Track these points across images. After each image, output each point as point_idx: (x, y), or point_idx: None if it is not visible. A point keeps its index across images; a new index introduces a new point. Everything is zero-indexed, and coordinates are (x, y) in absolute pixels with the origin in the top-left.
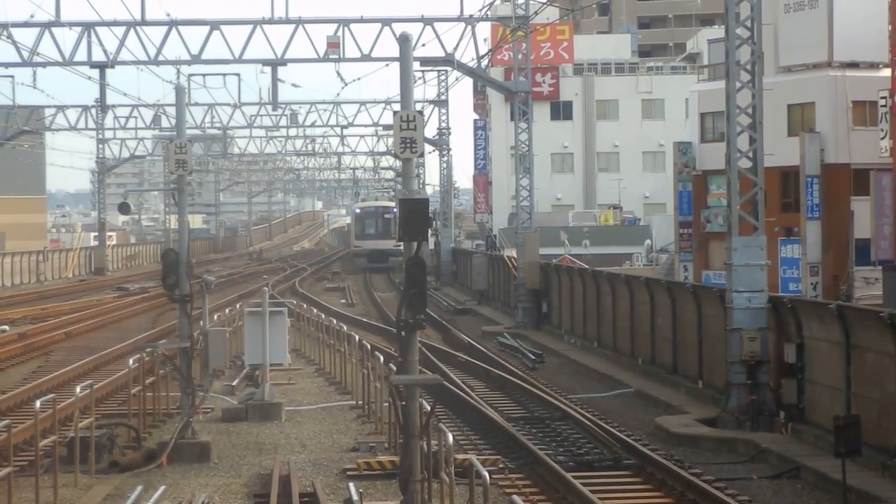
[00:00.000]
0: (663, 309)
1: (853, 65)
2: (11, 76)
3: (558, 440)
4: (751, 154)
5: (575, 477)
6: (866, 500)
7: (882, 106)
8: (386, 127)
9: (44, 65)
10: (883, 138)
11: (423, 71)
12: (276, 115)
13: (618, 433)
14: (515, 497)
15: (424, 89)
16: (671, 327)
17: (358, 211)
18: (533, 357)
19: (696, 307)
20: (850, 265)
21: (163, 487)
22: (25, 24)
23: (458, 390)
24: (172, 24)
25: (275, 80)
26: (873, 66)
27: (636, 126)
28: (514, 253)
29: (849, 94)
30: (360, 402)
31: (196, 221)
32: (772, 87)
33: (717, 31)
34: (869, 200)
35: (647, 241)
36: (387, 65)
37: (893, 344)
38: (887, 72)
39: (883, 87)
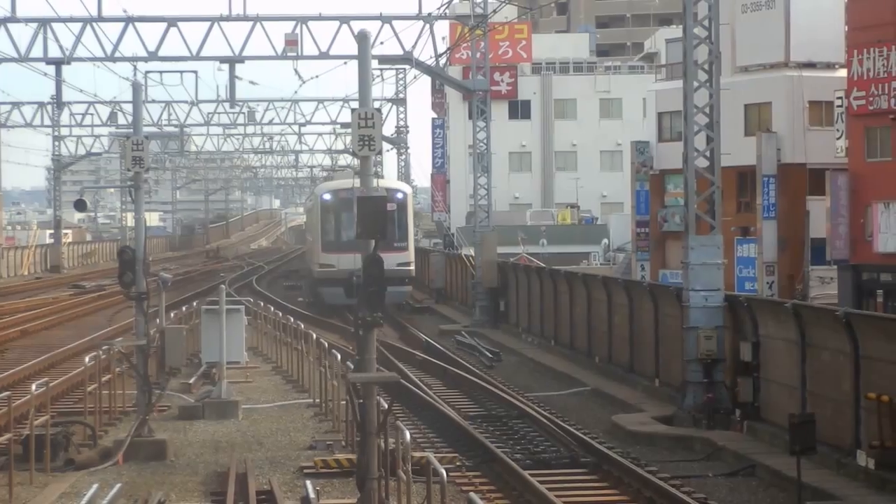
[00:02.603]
0: (620, 308)
1: (810, 65)
2: None
3: (515, 438)
4: (708, 153)
5: (532, 475)
6: (821, 498)
7: (838, 106)
8: (344, 125)
9: None
10: (839, 138)
11: (381, 69)
12: (233, 113)
13: (575, 431)
14: (472, 495)
15: (383, 87)
16: (628, 326)
17: (327, 197)
18: (490, 355)
19: (652, 306)
20: (805, 264)
21: (118, 485)
22: None
23: (415, 388)
24: (129, 20)
25: (232, 77)
26: (830, 66)
27: (594, 125)
28: (471, 252)
29: (805, 95)
30: (318, 401)
31: (153, 219)
32: (729, 87)
33: (675, 31)
34: (824, 200)
35: (605, 240)
36: (345, 63)
37: (848, 343)
38: (843, 72)
39: (839, 87)
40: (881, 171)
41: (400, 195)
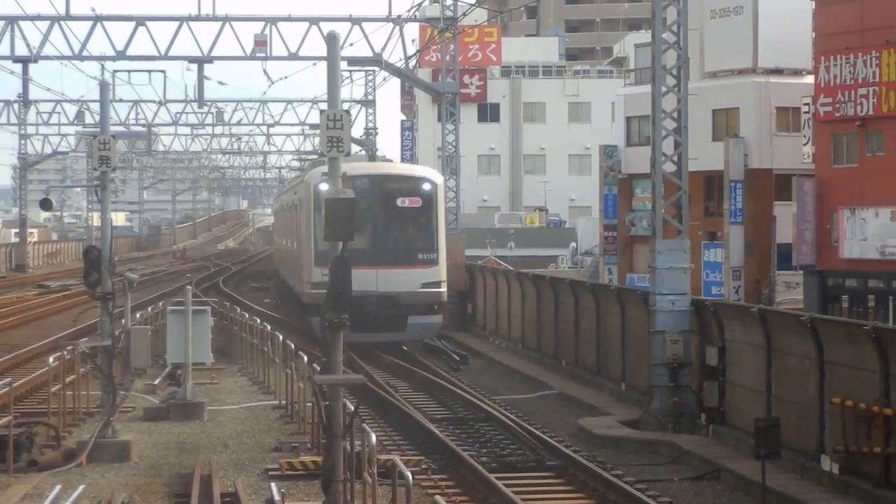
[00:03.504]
0: (587, 311)
1: (777, 71)
2: None
3: (482, 441)
4: (675, 158)
5: (498, 478)
6: (785, 502)
7: (805, 112)
8: (313, 126)
9: None
10: (805, 144)
11: (350, 71)
12: (201, 113)
13: (541, 434)
14: (438, 498)
15: (352, 89)
16: (595, 329)
17: (326, 187)
18: (457, 358)
19: (619, 310)
20: (771, 269)
21: (82, 487)
22: None
23: (381, 391)
24: (97, 19)
25: (201, 77)
26: (797, 72)
27: (563, 129)
28: None
29: (773, 100)
30: (284, 402)
31: (119, 219)
32: (697, 92)
33: (644, 36)
34: (791, 206)
35: (573, 244)
36: (314, 64)
37: (814, 347)
38: (810, 79)
39: (806, 93)
40: (847, 177)
41: (426, 186)
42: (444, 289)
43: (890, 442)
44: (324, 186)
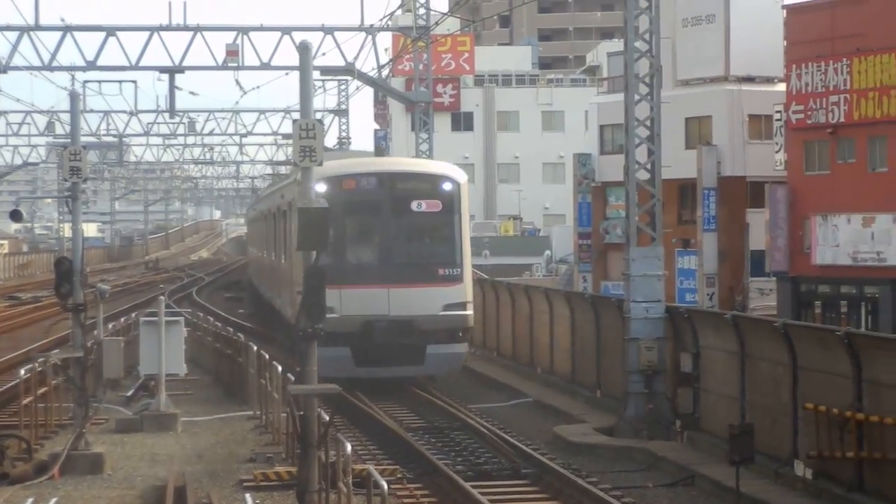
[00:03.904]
0: (562, 319)
1: (749, 79)
2: None
3: (457, 450)
4: (649, 166)
5: (473, 486)
6: None
7: (777, 120)
8: (285, 136)
9: None
10: (777, 152)
11: (323, 80)
12: (173, 123)
13: (516, 443)
14: None
15: (324, 98)
16: (570, 337)
17: (325, 189)
18: None
19: (594, 317)
20: (745, 276)
21: (54, 500)
22: None
23: (356, 400)
24: (67, 29)
25: (172, 87)
26: (769, 80)
27: (536, 137)
28: None
29: (745, 108)
30: (258, 413)
31: (91, 230)
32: (670, 101)
33: (617, 45)
34: (764, 213)
35: (547, 252)
36: (286, 73)
37: (787, 353)
38: (782, 86)
39: (778, 101)
40: (819, 184)
41: (447, 185)
42: (470, 311)
43: (863, 446)
44: (321, 187)
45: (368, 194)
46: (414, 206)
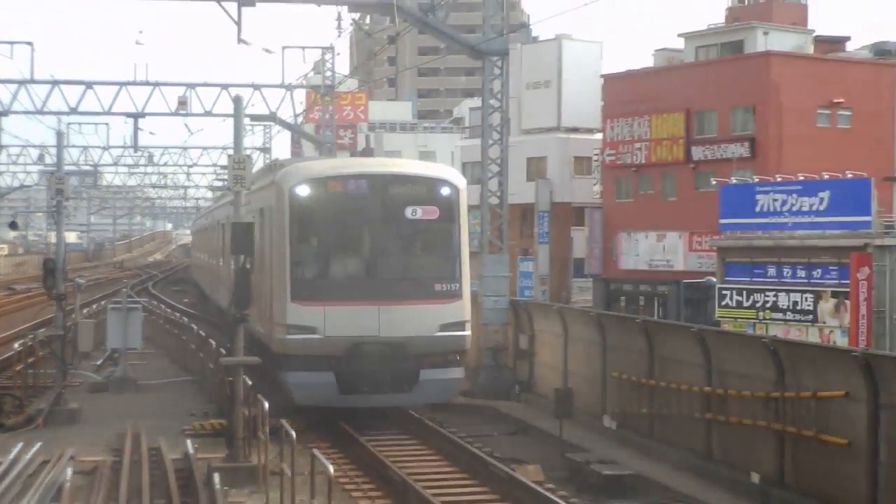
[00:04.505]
0: None
1: (575, 129)
2: None
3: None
4: (499, 194)
5: (361, 437)
6: (576, 450)
7: (595, 160)
8: (223, 167)
9: None
10: (595, 184)
11: (251, 125)
12: (136, 156)
13: None
14: (315, 450)
15: (253, 138)
16: None
17: (306, 192)
18: None
19: None
20: (569, 277)
21: (39, 444)
22: None
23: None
24: (55, 83)
25: (136, 128)
26: (590, 130)
27: None
28: None
29: (571, 151)
30: (198, 378)
31: (71, 237)
32: (515, 145)
33: (476, 102)
34: (584, 230)
35: None
36: (224, 120)
37: (599, 335)
38: (599, 135)
39: (596, 146)
40: (626, 209)
41: (445, 190)
42: (468, 331)
43: (653, 405)
44: (304, 190)
45: (357, 199)
46: (408, 212)
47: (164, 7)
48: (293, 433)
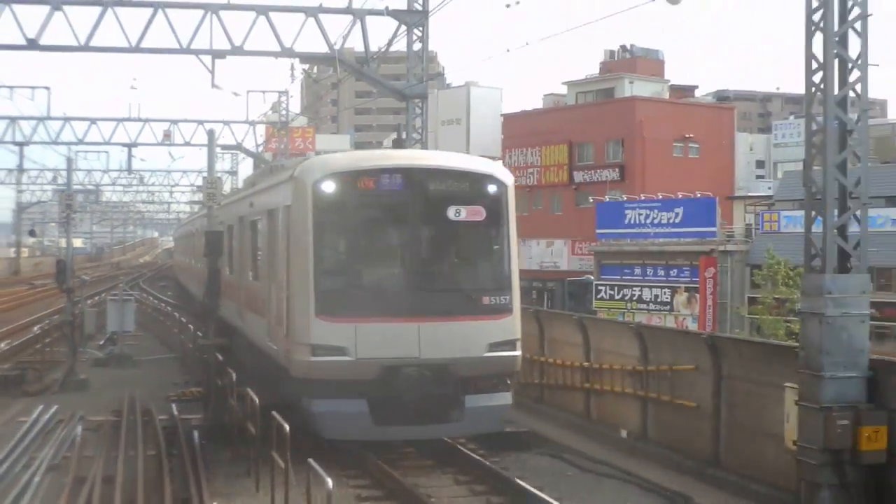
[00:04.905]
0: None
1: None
2: None
3: None
4: None
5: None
6: None
7: None
8: (199, 186)
9: None
10: None
11: (222, 152)
12: (130, 178)
13: None
14: (274, 412)
15: (222, 164)
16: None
17: (332, 188)
18: None
19: None
20: None
21: (55, 406)
22: None
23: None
24: (66, 119)
25: (130, 156)
26: (493, 158)
27: None
28: None
29: None
30: (180, 356)
31: (77, 243)
32: None
33: (403, 137)
34: None
35: None
36: (200, 148)
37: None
38: (500, 162)
39: None
40: (521, 221)
41: (493, 187)
42: (518, 351)
43: (543, 377)
44: (329, 186)
45: (392, 197)
46: (451, 213)
47: (154, 59)
48: (256, 399)
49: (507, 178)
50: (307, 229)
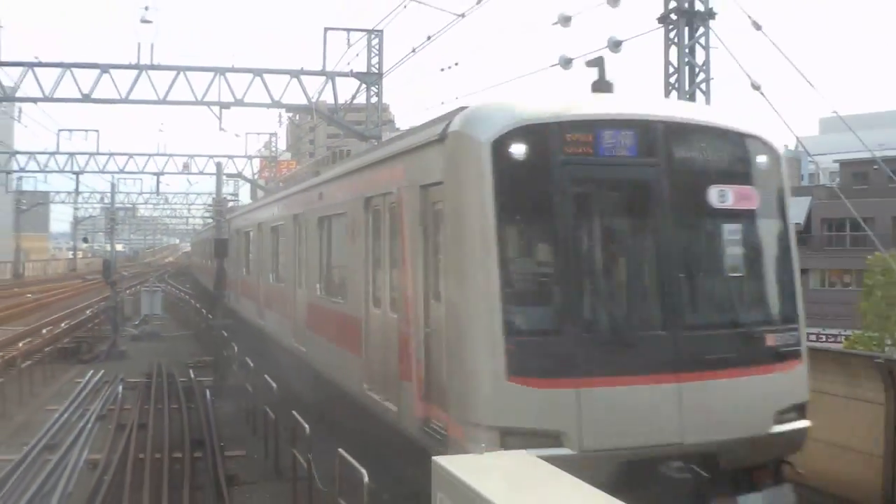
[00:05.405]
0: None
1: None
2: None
3: None
4: None
5: None
6: None
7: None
8: (209, 206)
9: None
10: None
11: (227, 180)
12: (158, 198)
13: None
14: (266, 376)
15: (227, 188)
16: None
17: (521, 151)
18: None
19: None
20: None
21: (102, 371)
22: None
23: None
24: (111, 154)
25: (158, 182)
26: None
27: None
28: None
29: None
30: (195, 332)
31: (119, 247)
32: None
33: None
34: None
35: None
36: (210, 176)
37: None
38: None
39: None
40: None
41: (763, 157)
42: (804, 423)
43: None
44: (520, 149)
45: (618, 167)
46: (714, 197)
47: (177, 109)
48: (251, 364)
49: (778, 144)
50: (485, 223)
